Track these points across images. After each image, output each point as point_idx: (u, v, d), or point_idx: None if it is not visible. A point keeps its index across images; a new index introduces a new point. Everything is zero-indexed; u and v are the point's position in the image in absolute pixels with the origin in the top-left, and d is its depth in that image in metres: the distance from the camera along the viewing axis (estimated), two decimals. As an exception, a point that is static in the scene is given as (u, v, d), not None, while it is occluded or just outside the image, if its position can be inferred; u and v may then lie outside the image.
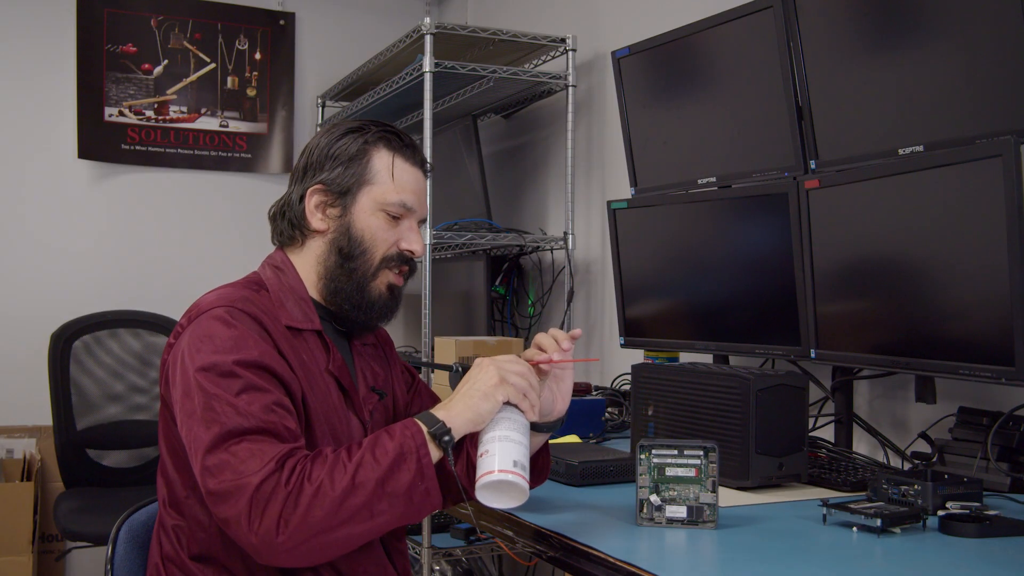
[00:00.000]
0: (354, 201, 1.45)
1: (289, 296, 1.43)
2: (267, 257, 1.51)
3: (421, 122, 2.86)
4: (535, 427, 1.40)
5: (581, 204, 3.17)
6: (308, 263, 1.47)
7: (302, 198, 1.46)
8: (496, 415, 1.32)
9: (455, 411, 1.31)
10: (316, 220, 1.45)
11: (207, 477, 1.23)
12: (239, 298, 1.37)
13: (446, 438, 1.28)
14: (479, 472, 1.29)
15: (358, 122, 1.49)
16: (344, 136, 1.46)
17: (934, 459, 1.78)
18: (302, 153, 1.50)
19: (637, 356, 2.59)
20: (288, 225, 1.47)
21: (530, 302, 3.42)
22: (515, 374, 1.34)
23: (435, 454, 1.28)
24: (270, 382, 1.30)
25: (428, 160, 1.54)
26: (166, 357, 1.38)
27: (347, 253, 1.44)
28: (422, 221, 1.51)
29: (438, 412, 1.31)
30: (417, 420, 1.30)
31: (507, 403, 1.33)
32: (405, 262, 1.49)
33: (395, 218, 1.46)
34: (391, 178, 1.45)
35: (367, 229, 1.45)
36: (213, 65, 3.93)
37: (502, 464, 1.27)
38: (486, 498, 1.29)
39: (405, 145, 1.49)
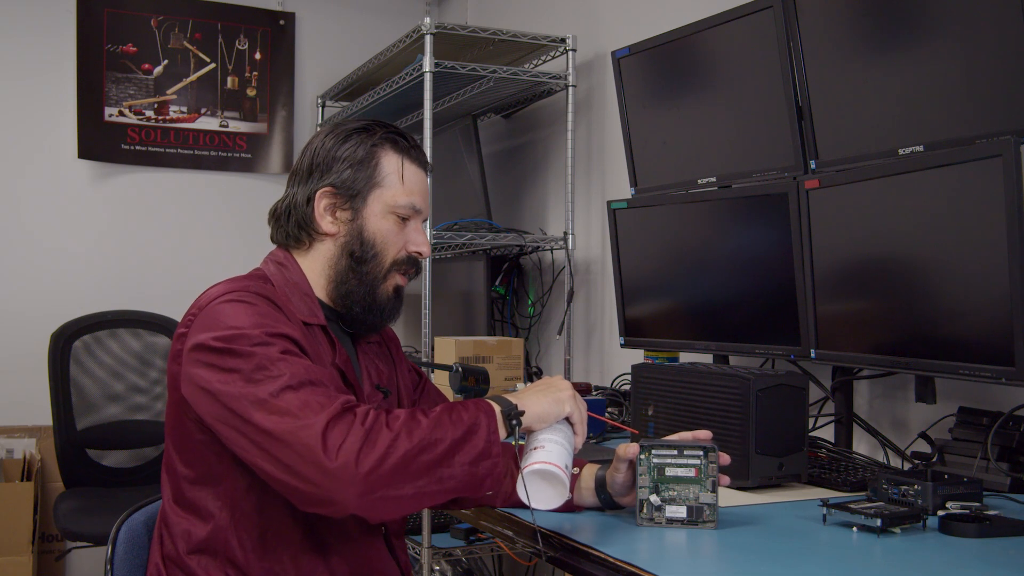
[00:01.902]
0: (364, 204, 1.45)
1: (294, 291, 1.43)
2: (269, 254, 1.51)
3: (421, 122, 2.86)
4: (610, 499, 1.51)
5: (581, 204, 3.17)
6: (316, 265, 1.47)
7: (309, 200, 1.45)
8: (554, 424, 1.38)
9: (526, 402, 1.35)
10: (326, 223, 1.45)
11: (269, 421, 1.22)
12: (250, 285, 1.38)
13: (514, 422, 1.32)
14: (533, 458, 1.33)
15: (363, 122, 1.49)
16: (350, 137, 1.46)
17: (934, 459, 1.78)
18: (304, 152, 1.49)
19: (637, 356, 2.59)
20: (295, 227, 1.47)
21: (530, 302, 3.42)
22: (582, 400, 1.41)
23: (502, 432, 1.31)
24: (300, 352, 1.32)
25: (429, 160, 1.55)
26: (179, 347, 1.35)
27: (359, 256, 1.45)
28: (424, 220, 1.52)
29: (509, 398, 1.35)
30: (488, 399, 1.33)
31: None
32: (413, 264, 1.50)
33: (403, 219, 1.47)
34: (401, 181, 1.46)
35: (379, 232, 1.45)
36: (213, 65, 3.93)
37: (557, 460, 1.32)
38: (531, 482, 1.32)
39: (411, 147, 1.49)
